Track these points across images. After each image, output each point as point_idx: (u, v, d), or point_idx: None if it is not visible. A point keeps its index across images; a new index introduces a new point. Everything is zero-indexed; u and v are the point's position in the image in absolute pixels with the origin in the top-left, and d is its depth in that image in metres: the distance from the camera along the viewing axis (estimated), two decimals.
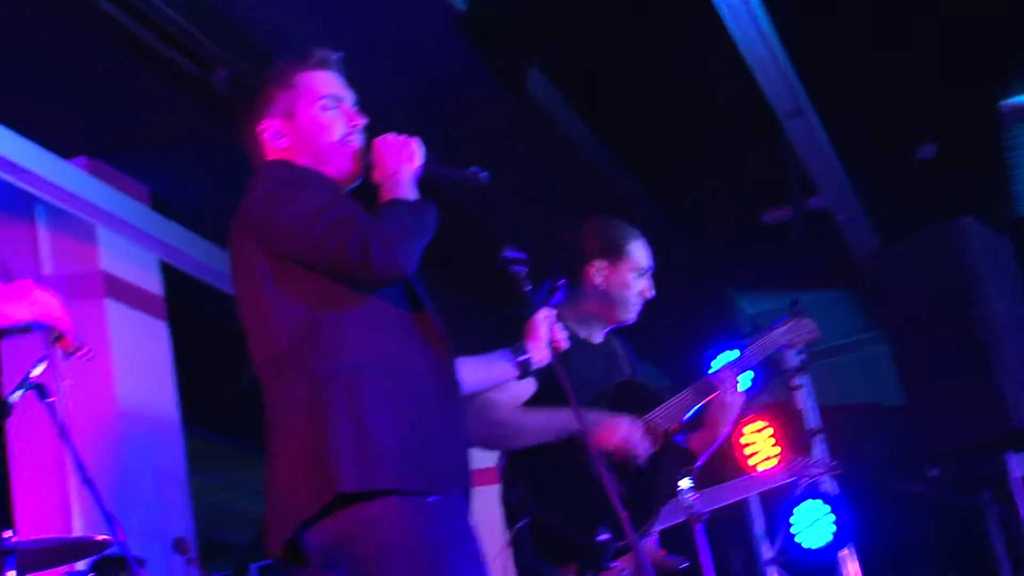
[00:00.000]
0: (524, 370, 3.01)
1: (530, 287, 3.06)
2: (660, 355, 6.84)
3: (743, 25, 4.52)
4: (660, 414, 3.72)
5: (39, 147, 4.83)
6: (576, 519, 3.41)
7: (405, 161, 2.61)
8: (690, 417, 3.83)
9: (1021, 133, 6.14)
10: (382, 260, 2.35)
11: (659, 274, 3.86)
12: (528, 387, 3.50)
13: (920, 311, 5.12)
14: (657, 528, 4.33)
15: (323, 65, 2.72)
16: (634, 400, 3.75)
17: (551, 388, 3.57)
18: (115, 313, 5.21)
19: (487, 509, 3.11)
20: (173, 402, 5.41)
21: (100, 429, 5.07)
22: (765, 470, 4.79)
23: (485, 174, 2.73)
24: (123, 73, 4.79)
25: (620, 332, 4.08)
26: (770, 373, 6.51)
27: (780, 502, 6.19)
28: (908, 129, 6.04)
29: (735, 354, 3.95)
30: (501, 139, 5.14)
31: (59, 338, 2.42)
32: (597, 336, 3.84)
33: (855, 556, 6.30)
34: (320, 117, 2.65)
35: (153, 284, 5.44)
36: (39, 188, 4.88)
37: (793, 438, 6.30)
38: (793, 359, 6.72)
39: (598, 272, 3.82)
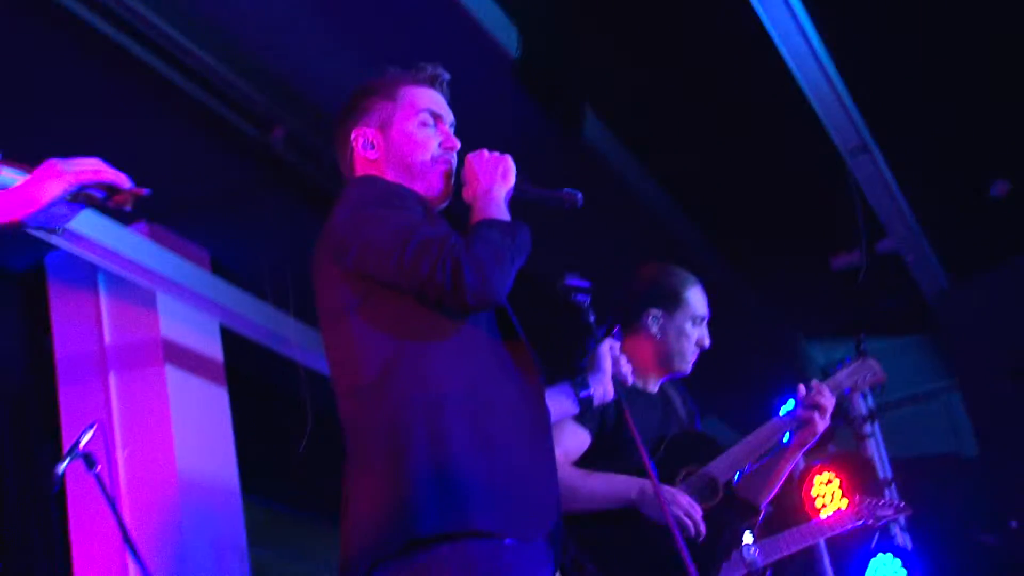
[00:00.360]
0: (586, 406, 2.80)
1: (594, 317, 2.95)
2: (727, 408, 6.69)
3: (803, 61, 4.45)
4: (720, 465, 3.59)
5: (100, 215, 4.85)
6: None
7: (499, 179, 2.53)
8: (753, 467, 3.70)
9: None
10: (475, 286, 2.24)
11: (726, 324, 3.76)
12: (583, 440, 3.41)
13: (994, 354, 4.97)
14: None
15: (431, 82, 2.68)
16: (692, 451, 3.64)
17: (608, 440, 3.49)
18: (175, 380, 5.19)
19: None
20: (233, 470, 5.36)
21: (159, 499, 5.03)
22: (830, 515, 4.63)
23: (580, 195, 2.63)
24: (181, 136, 4.84)
25: (681, 383, 3.97)
26: (838, 421, 6.33)
27: (852, 559, 5.99)
28: (979, 166, 5.91)
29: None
30: (559, 184, 5.08)
31: (112, 193, 2.22)
32: (652, 385, 3.74)
33: None
34: (416, 132, 2.60)
35: (213, 350, 5.42)
36: (101, 256, 4.89)
37: (863, 489, 6.10)
38: (862, 406, 6.55)
39: (654, 320, 3.72)
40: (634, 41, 4.85)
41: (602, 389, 2.79)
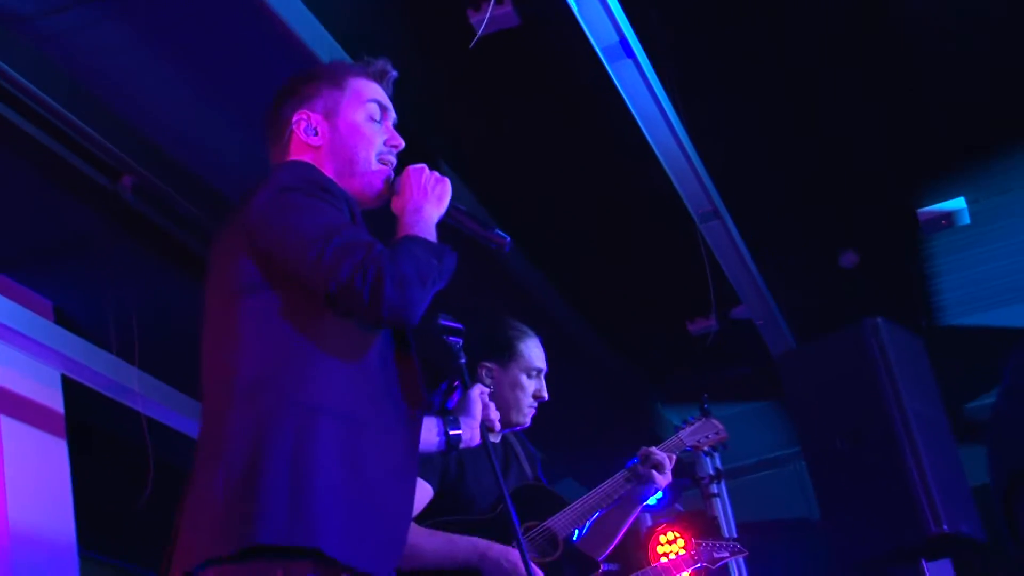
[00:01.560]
0: (452, 445, 2.74)
1: (465, 359, 2.98)
2: (582, 469, 6.75)
3: (655, 126, 4.57)
4: (561, 520, 3.63)
5: None
6: None
7: (434, 199, 2.48)
8: (592, 521, 3.75)
9: (940, 242, 6.25)
10: (393, 300, 2.16)
11: (585, 386, 3.80)
12: (425, 492, 3.40)
13: (833, 414, 5.11)
14: None
15: (379, 77, 2.64)
16: (532, 505, 3.66)
17: (450, 495, 3.49)
18: (10, 431, 5.05)
19: None
20: (70, 524, 5.21)
21: None
22: (668, 560, 4.71)
23: (509, 239, 2.62)
24: (25, 183, 4.75)
25: (520, 432, 4.00)
26: (685, 481, 6.45)
27: None
28: (829, 236, 6.13)
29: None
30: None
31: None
32: (493, 437, 3.77)
33: None
34: (363, 125, 2.54)
35: (53, 400, 5.31)
36: None
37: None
38: (708, 466, 6.66)
39: (487, 373, 3.76)
40: (486, 101, 4.93)
41: (470, 433, 2.76)
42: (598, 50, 4.15)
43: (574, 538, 3.72)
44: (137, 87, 4.33)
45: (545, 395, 3.80)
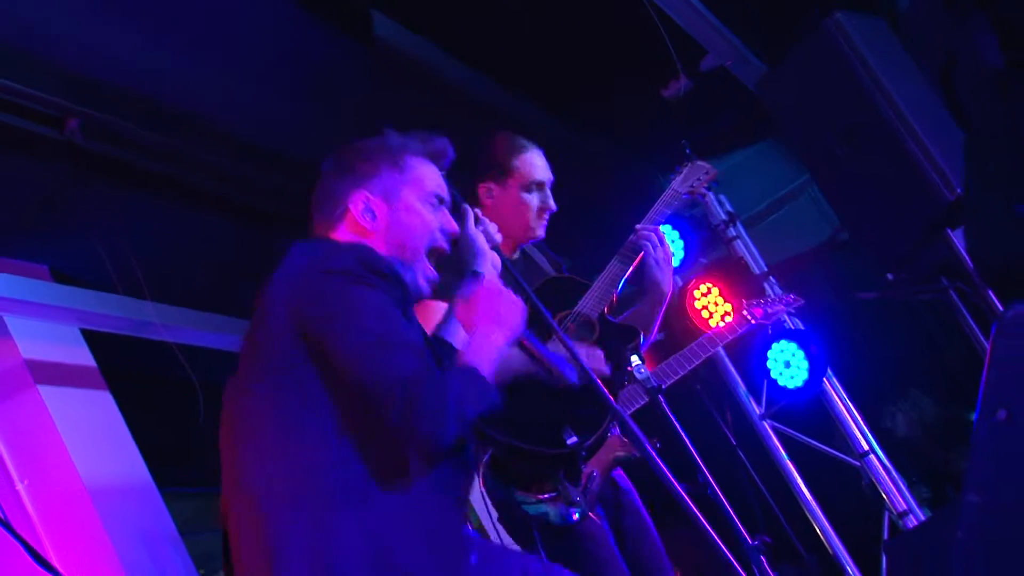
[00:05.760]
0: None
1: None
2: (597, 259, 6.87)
3: None
4: (589, 299, 3.74)
5: None
6: (541, 434, 3.41)
7: (507, 328, 2.49)
8: (621, 289, 3.86)
9: None
10: (428, 430, 2.17)
11: (580, 181, 3.80)
12: None
13: (826, 124, 5.15)
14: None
15: (436, 158, 2.64)
16: (562, 295, 3.79)
17: None
18: (52, 397, 5.23)
19: None
20: (141, 466, 5.43)
21: (75, 516, 5.08)
22: (720, 325, 4.83)
23: (576, 379, 2.62)
24: None
25: (542, 243, 4.09)
26: (701, 233, 6.55)
27: (751, 354, 6.26)
28: None
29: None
30: (364, 92, 5.18)
31: None
32: (515, 253, 3.86)
33: (838, 384, 6.38)
34: (424, 212, 2.53)
35: (81, 356, 5.47)
36: None
37: (743, 289, 6.34)
38: (719, 211, 6.74)
39: (488, 193, 3.83)
40: None
41: (490, 267, 2.81)
42: None
43: (609, 316, 3.82)
44: (47, 23, 4.36)
45: (552, 206, 3.85)
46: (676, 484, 2.50)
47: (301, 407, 2.25)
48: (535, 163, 3.90)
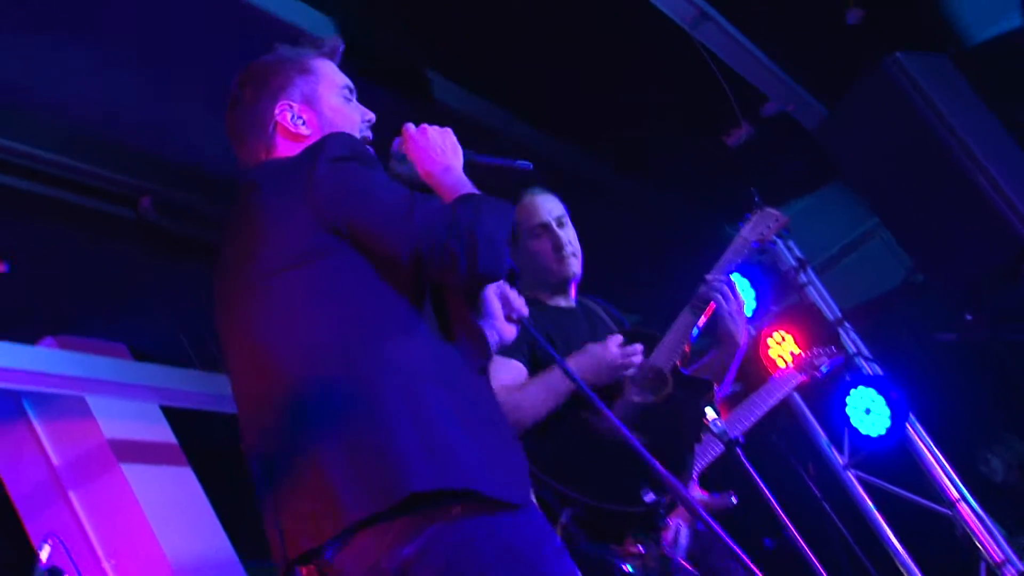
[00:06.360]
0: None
1: None
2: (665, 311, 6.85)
3: None
4: (662, 351, 3.70)
5: (4, 342, 4.94)
6: (617, 491, 3.37)
7: (451, 153, 2.54)
8: (695, 338, 3.82)
9: None
10: (489, 260, 2.23)
11: (648, 233, 3.76)
12: (518, 370, 3.50)
13: (891, 165, 5.09)
14: (699, 467, 4.33)
15: (332, 56, 2.68)
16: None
17: (543, 366, 3.61)
18: (135, 475, 5.32)
19: None
20: (224, 541, 5.48)
21: None
22: (786, 368, 4.78)
23: (529, 163, 2.71)
24: (55, 240, 4.93)
25: (598, 297, 4.07)
26: (772, 280, 6.47)
27: (831, 403, 6.16)
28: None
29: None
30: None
31: None
32: (563, 301, 3.85)
33: (922, 430, 6.26)
34: (343, 106, 2.58)
35: (162, 432, 5.54)
36: (20, 382, 5.01)
37: (817, 336, 6.24)
38: (788, 257, 6.66)
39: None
40: None
41: (495, 333, 2.72)
42: None
43: (681, 368, 3.79)
44: (118, 107, 4.49)
45: (566, 243, 3.80)
46: (735, 547, 2.45)
47: (336, 289, 2.29)
48: (532, 208, 3.88)
